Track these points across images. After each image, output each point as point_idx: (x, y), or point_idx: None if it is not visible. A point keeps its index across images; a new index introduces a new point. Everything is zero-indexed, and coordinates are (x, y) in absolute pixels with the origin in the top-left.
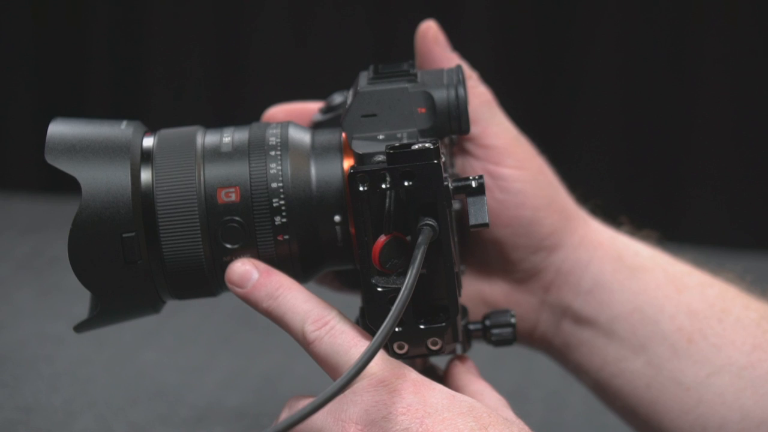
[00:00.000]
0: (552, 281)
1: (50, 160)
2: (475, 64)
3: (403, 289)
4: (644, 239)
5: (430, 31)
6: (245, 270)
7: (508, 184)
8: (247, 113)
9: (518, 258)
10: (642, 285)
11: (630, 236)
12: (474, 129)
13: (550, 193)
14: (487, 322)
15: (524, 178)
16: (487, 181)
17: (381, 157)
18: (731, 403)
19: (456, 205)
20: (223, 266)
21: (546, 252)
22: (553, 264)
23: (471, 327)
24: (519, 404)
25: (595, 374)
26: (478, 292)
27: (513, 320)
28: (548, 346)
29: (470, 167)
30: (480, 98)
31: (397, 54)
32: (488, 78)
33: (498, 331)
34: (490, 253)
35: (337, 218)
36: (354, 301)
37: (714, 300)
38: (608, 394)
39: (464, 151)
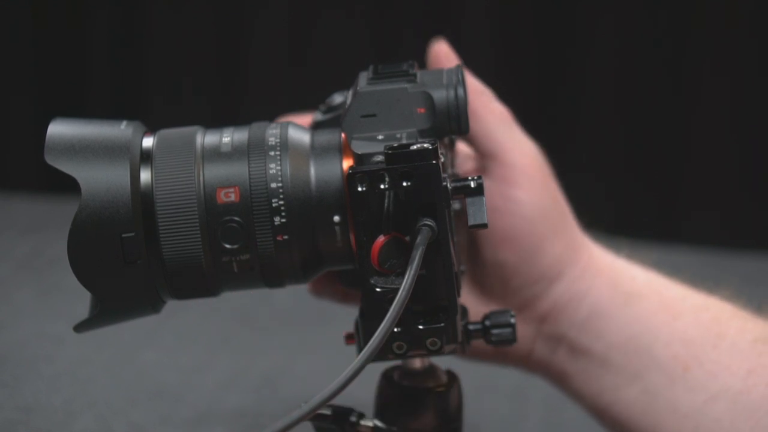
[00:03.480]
0: (548, 313)
1: (50, 160)
2: (474, 69)
3: (401, 290)
4: (642, 262)
5: (441, 50)
6: None
7: (519, 208)
8: (247, 113)
9: (517, 285)
10: (636, 313)
11: (628, 259)
12: (492, 147)
13: (559, 224)
14: (487, 323)
15: (537, 205)
16: (498, 202)
17: (380, 158)
18: (728, 429)
19: (456, 205)
20: (223, 266)
21: (546, 282)
22: (551, 296)
23: (471, 327)
24: (519, 405)
25: (592, 401)
26: (475, 314)
27: (513, 320)
28: (545, 373)
29: (485, 186)
30: (497, 116)
31: (397, 55)
32: (488, 81)
33: (498, 331)
34: (491, 275)
35: (336, 218)
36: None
37: (709, 324)
38: (606, 420)
39: (482, 170)
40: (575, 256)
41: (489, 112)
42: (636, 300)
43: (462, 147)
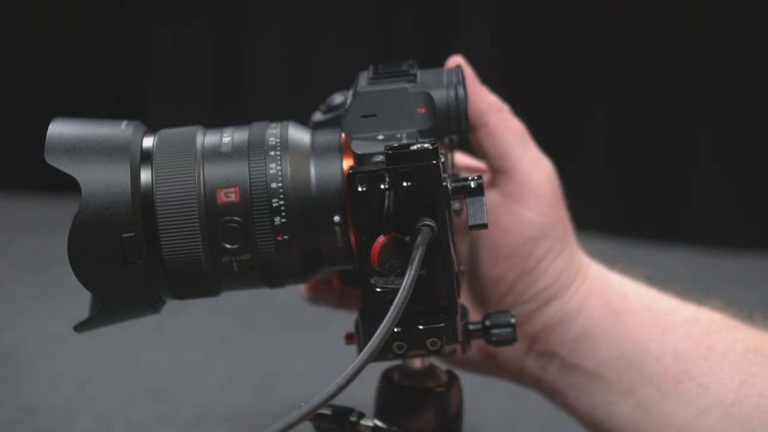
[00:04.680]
0: (539, 331)
1: (50, 160)
2: (473, 63)
3: (401, 290)
4: (637, 273)
5: (457, 62)
6: None
7: (523, 228)
8: (247, 113)
9: (511, 302)
10: (627, 330)
11: (622, 273)
12: (506, 164)
13: (560, 245)
14: (487, 322)
15: (542, 225)
16: (504, 219)
17: (380, 158)
18: None
19: (456, 205)
20: (223, 266)
21: (540, 302)
22: (543, 315)
23: (471, 327)
24: (519, 404)
25: (585, 415)
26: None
27: (513, 320)
28: (537, 387)
29: (493, 201)
30: (515, 132)
31: (397, 54)
32: (487, 76)
33: (498, 331)
34: (487, 290)
35: (336, 218)
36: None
37: (699, 337)
38: None
39: (493, 184)
40: (571, 278)
41: (507, 129)
42: (625, 317)
43: (462, 159)
